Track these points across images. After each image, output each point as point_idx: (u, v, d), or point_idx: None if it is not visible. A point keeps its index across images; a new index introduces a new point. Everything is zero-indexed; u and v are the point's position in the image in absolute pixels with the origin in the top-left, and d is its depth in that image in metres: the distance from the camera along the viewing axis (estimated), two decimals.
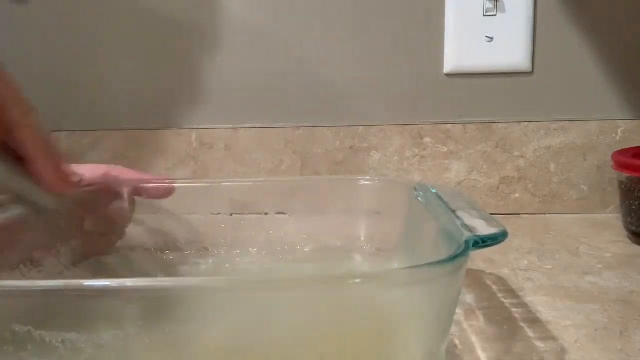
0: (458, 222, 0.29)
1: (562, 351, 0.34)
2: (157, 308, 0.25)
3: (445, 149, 0.68)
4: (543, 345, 0.35)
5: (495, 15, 0.65)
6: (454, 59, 0.66)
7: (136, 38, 0.70)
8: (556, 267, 0.49)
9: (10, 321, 0.24)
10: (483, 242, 0.26)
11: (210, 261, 0.47)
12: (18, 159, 0.35)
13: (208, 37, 0.69)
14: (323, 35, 0.68)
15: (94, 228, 0.45)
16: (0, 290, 0.23)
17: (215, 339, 0.26)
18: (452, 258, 0.24)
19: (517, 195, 0.67)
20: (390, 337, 0.26)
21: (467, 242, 0.26)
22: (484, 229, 0.27)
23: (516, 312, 0.40)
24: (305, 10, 0.68)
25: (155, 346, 0.24)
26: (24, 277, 0.37)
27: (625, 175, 0.55)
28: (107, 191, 0.46)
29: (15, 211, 0.37)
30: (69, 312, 0.24)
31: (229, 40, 0.69)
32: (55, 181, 0.36)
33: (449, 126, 0.67)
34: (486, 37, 0.65)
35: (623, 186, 0.55)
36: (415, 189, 0.41)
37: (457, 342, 0.36)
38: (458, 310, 0.40)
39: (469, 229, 0.28)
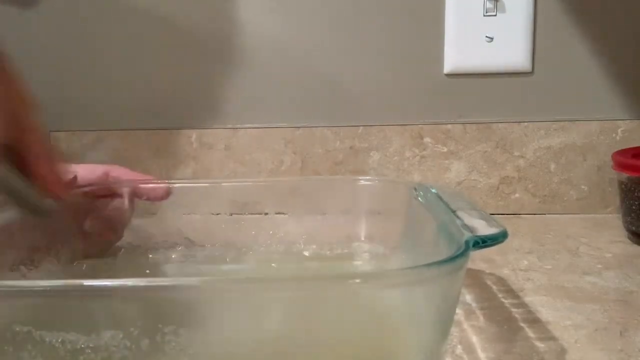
0: (458, 222, 0.29)
1: (562, 351, 0.34)
2: (157, 308, 0.25)
3: (445, 149, 0.68)
4: (543, 345, 0.35)
5: (495, 15, 0.65)
6: (454, 59, 0.66)
7: (136, 38, 0.70)
8: (556, 267, 0.49)
9: (11, 321, 0.24)
10: (483, 242, 0.26)
11: (210, 261, 0.47)
12: (16, 161, 0.34)
13: (208, 37, 0.69)
14: (323, 35, 0.68)
15: (94, 228, 0.45)
16: (0, 290, 0.23)
17: (214, 339, 0.26)
18: (453, 258, 0.24)
19: (517, 195, 0.67)
20: (390, 337, 0.26)
21: (467, 242, 0.26)
22: (484, 229, 0.27)
23: (516, 312, 0.40)
24: (305, 10, 0.68)
25: (155, 347, 0.24)
26: (23, 277, 0.37)
27: (625, 175, 0.55)
28: (106, 191, 0.46)
29: (15, 211, 0.37)
30: (69, 312, 0.24)
31: (229, 41, 0.69)
32: (54, 184, 0.35)
33: (449, 126, 0.67)
34: (486, 37, 0.65)
35: (623, 186, 0.55)
36: (415, 189, 0.41)
37: (457, 342, 0.36)
38: (458, 310, 0.40)
39: (469, 229, 0.28)
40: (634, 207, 0.54)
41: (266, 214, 0.48)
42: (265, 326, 0.25)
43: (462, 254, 0.25)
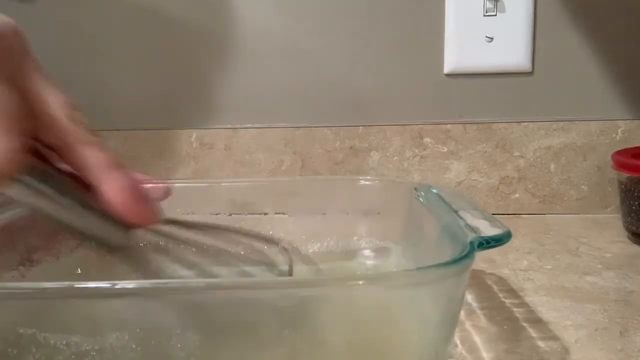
0: (461, 223, 0.29)
1: (563, 351, 0.34)
2: (159, 309, 0.25)
3: (445, 149, 0.68)
4: (543, 345, 0.35)
5: (495, 15, 0.65)
6: (454, 59, 0.66)
7: (137, 38, 0.70)
8: (556, 267, 0.49)
9: (15, 323, 0.23)
10: (487, 243, 0.26)
11: (210, 262, 0.47)
12: (76, 183, 0.27)
13: (208, 37, 0.69)
14: (323, 36, 0.68)
15: None
16: (5, 292, 0.23)
17: (215, 340, 0.26)
18: (459, 259, 0.24)
19: (517, 195, 0.67)
20: (395, 339, 0.26)
21: (472, 243, 0.26)
22: (488, 230, 0.27)
23: (517, 312, 0.40)
24: (305, 11, 0.68)
25: (158, 347, 0.24)
26: (23, 277, 0.37)
27: (625, 175, 0.55)
28: None
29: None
30: (72, 314, 0.24)
31: (229, 41, 0.69)
32: (131, 212, 0.27)
33: (449, 126, 0.67)
34: (486, 37, 0.65)
35: (623, 186, 0.56)
36: (416, 189, 0.41)
37: (458, 342, 0.36)
38: None
39: (473, 229, 0.28)
40: (634, 207, 0.54)
41: (266, 214, 0.48)
42: (268, 328, 0.25)
43: (467, 255, 0.25)
